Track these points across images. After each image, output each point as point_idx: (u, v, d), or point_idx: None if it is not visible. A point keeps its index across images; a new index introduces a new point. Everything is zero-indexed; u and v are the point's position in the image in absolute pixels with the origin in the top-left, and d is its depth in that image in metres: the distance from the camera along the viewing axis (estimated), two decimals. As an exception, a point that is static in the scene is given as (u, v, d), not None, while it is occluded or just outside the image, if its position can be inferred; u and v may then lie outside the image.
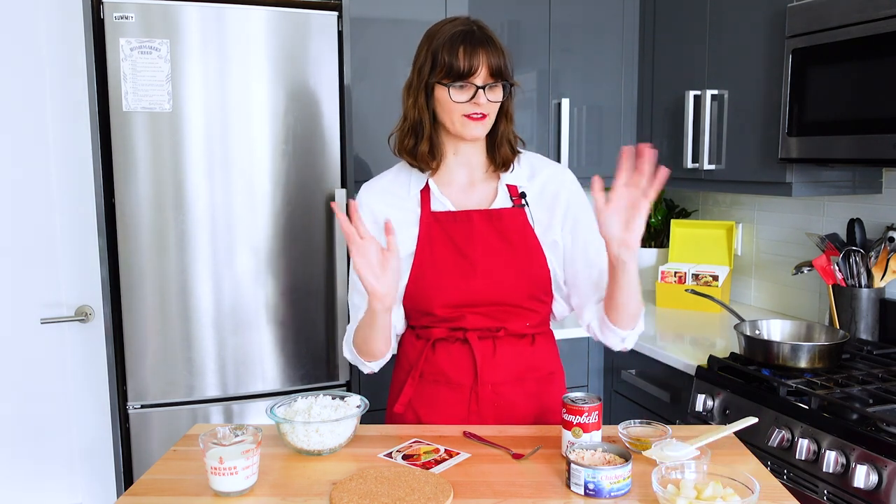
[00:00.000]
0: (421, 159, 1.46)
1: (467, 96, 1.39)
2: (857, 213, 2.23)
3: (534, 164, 1.55)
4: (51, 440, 2.29)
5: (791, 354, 1.85)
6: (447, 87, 1.39)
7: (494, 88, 1.40)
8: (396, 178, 1.54)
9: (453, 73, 1.37)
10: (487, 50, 1.38)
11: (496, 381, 1.47)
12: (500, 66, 1.39)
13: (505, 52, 1.42)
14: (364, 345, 1.46)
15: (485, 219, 1.46)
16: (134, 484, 1.21)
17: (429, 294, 1.45)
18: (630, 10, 2.76)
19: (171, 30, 1.99)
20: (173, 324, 2.08)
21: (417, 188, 1.50)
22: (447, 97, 1.39)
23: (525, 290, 1.46)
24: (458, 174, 1.51)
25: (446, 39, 1.39)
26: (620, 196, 1.26)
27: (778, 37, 2.10)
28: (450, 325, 1.47)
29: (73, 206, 2.23)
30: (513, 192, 1.49)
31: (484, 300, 1.45)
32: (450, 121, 1.42)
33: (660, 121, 2.69)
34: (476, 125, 1.41)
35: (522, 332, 1.49)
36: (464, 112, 1.40)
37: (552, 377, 1.55)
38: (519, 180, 1.51)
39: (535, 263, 1.47)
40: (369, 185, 1.57)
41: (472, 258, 1.45)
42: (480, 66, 1.37)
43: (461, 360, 1.47)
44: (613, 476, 1.12)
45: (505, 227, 1.46)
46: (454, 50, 1.37)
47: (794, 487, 1.66)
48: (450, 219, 1.47)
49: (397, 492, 1.13)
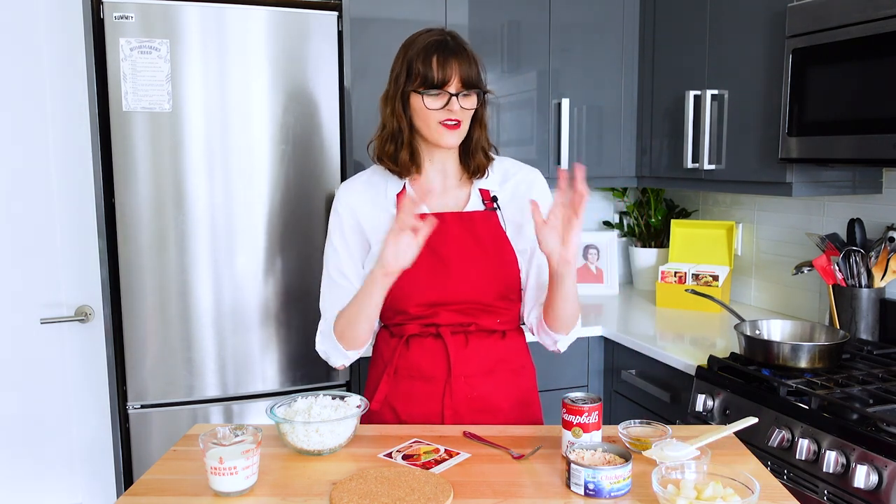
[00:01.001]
0: (402, 166, 1.52)
1: (441, 103, 1.45)
2: (858, 213, 2.23)
3: (507, 169, 1.62)
4: (51, 440, 2.29)
5: (791, 354, 1.85)
6: (422, 96, 1.45)
7: (468, 96, 1.47)
8: (371, 178, 1.60)
9: (427, 82, 1.44)
10: (460, 60, 1.45)
11: (469, 374, 1.52)
12: (471, 75, 1.46)
13: (478, 61, 1.49)
14: (353, 329, 1.49)
15: (457, 221, 1.52)
16: (134, 484, 1.21)
17: (404, 293, 1.50)
18: (630, 11, 2.76)
19: (171, 30, 1.99)
20: (173, 324, 2.08)
21: (394, 192, 1.55)
22: (422, 105, 1.46)
23: (496, 290, 1.53)
24: (433, 180, 1.56)
25: (420, 49, 1.46)
26: (556, 215, 1.36)
27: (778, 37, 2.10)
28: (423, 322, 1.52)
29: (73, 206, 2.23)
30: (485, 196, 1.56)
31: (457, 299, 1.51)
32: (426, 128, 1.48)
33: (660, 121, 2.69)
34: (451, 133, 1.47)
35: (493, 329, 1.54)
36: (439, 119, 1.46)
37: (523, 370, 1.61)
38: (491, 185, 1.58)
39: (506, 265, 1.53)
40: (348, 184, 1.62)
41: (446, 259, 1.50)
42: (453, 75, 1.44)
43: (435, 354, 1.52)
44: (613, 476, 1.12)
45: (477, 229, 1.52)
46: (428, 60, 1.44)
47: (794, 487, 1.66)
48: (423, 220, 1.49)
49: (397, 492, 1.13)
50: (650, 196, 3.08)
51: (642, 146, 2.79)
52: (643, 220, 3.09)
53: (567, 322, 1.51)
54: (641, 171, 2.81)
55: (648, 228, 3.08)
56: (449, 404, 1.51)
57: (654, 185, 2.85)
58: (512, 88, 2.66)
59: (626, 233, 3.19)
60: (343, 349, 1.52)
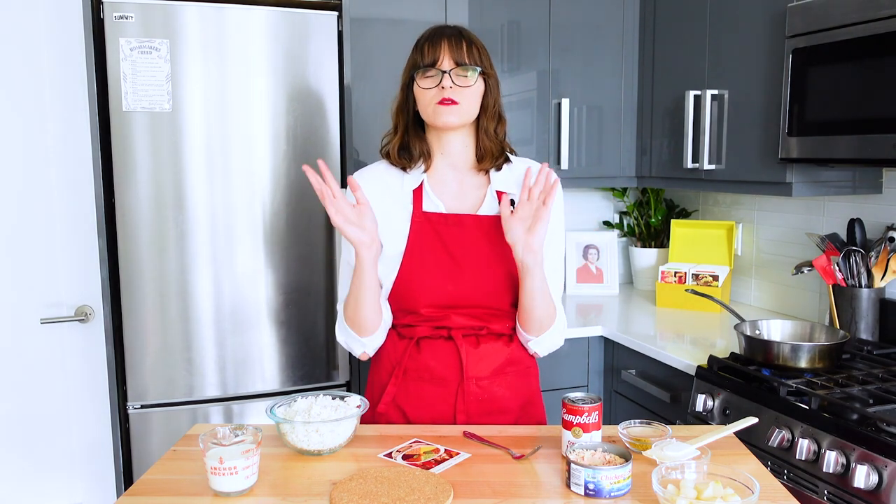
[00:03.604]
0: (394, 158, 1.54)
1: (434, 82, 1.46)
2: (858, 213, 2.23)
3: (522, 171, 1.60)
4: (51, 440, 2.29)
5: (791, 354, 1.85)
6: (416, 79, 1.47)
7: (461, 75, 1.46)
8: (389, 169, 1.58)
9: (420, 64, 1.47)
10: (450, 40, 1.47)
11: (479, 376, 1.52)
12: (462, 53, 1.47)
13: (477, 45, 1.50)
14: (355, 313, 1.49)
15: (475, 224, 1.51)
16: (134, 484, 1.21)
17: (415, 294, 1.50)
18: (630, 10, 2.76)
19: (171, 30, 1.99)
20: (173, 324, 2.08)
21: (411, 187, 1.54)
22: (419, 87, 1.48)
23: (509, 295, 1.52)
24: (447, 176, 1.55)
25: (418, 40, 1.50)
26: (524, 206, 1.42)
27: (778, 37, 2.10)
28: (434, 324, 1.51)
29: (73, 206, 2.23)
30: (500, 199, 1.54)
31: (469, 303, 1.50)
32: (424, 111, 1.49)
33: (660, 121, 2.69)
34: (447, 110, 1.46)
35: (503, 332, 1.54)
36: (435, 100, 1.46)
37: (529, 371, 1.61)
38: (508, 187, 1.55)
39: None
40: (364, 170, 1.61)
41: (461, 261, 1.49)
42: (442, 54, 1.46)
43: (447, 357, 1.51)
44: (613, 476, 1.12)
45: (494, 233, 1.50)
46: (421, 45, 1.48)
47: (794, 487, 1.66)
48: (441, 221, 1.51)
49: (397, 492, 1.13)
50: (650, 196, 3.09)
51: (642, 146, 2.79)
52: (643, 220, 3.09)
53: (536, 323, 1.50)
54: (641, 171, 2.81)
55: (648, 228, 3.08)
56: (461, 407, 1.50)
57: (654, 185, 2.85)
58: (512, 88, 2.66)
59: (626, 233, 3.20)
60: (356, 336, 1.52)
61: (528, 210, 1.42)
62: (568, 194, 3.11)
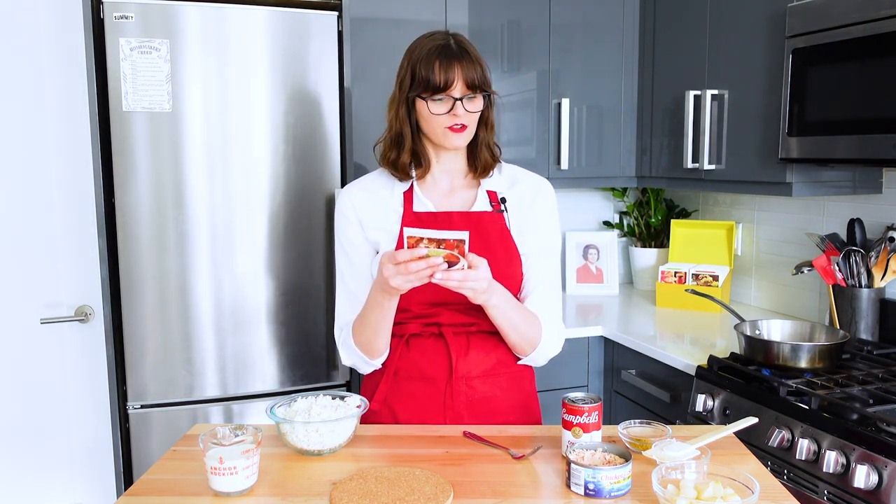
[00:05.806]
0: (402, 170, 1.52)
1: (446, 108, 1.45)
2: (858, 213, 2.23)
3: (515, 175, 1.62)
4: (51, 440, 2.29)
5: (791, 354, 1.85)
6: (426, 102, 1.44)
7: (473, 99, 1.46)
8: (378, 179, 1.59)
9: (430, 87, 1.43)
10: (462, 63, 1.44)
11: (470, 376, 1.51)
12: (475, 77, 1.45)
13: (482, 64, 1.47)
14: (374, 341, 1.49)
15: (465, 220, 1.51)
16: (134, 484, 1.21)
17: (408, 291, 1.47)
18: (630, 10, 2.76)
19: (171, 30, 1.99)
20: (173, 324, 2.08)
21: (401, 190, 1.55)
22: (428, 111, 1.45)
23: None
24: (440, 180, 1.57)
25: (423, 54, 1.45)
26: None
27: (778, 37, 2.10)
28: (424, 321, 1.51)
29: (73, 206, 2.23)
30: (492, 198, 1.55)
31: (460, 299, 1.48)
32: (432, 133, 1.48)
33: (660, 121, 2.69)
34: (457, 136, 1.47)
35: (494, 330, 1.52)
36: (445, 125, 1.45)
37: (523, 372, 1.60)
38: (499, 187, 1.56)
39: (512, 266, 1.52)
40: (350, 186, 1.60)
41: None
42: (456, 79, 1.43)
43: (436, 355, 1.51)
44: (613, 476, 1.12)
45: (484, 229, 1.51)
46: (430, 64, 1.43)
47: (794, 487, 1.66)
48: (431, 219, 1.51)
49: (397, 492, 1.13)
50: (650, 196, 3.09)
51: (642, 146, 2.79)
52: (643, 220, 3.09)
53: (518, 347, 1.52)
54: (641, 171, 2.81)
55: (648, 228, 3.08)
56: (450, 406, 1.50)
57: (654, 185, 2.85)
58: (512, 88, 2.66)
59: (626, 233, 3.20)
60: (368, 359, 1.53)
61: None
62: (568, 194, 3.11)
